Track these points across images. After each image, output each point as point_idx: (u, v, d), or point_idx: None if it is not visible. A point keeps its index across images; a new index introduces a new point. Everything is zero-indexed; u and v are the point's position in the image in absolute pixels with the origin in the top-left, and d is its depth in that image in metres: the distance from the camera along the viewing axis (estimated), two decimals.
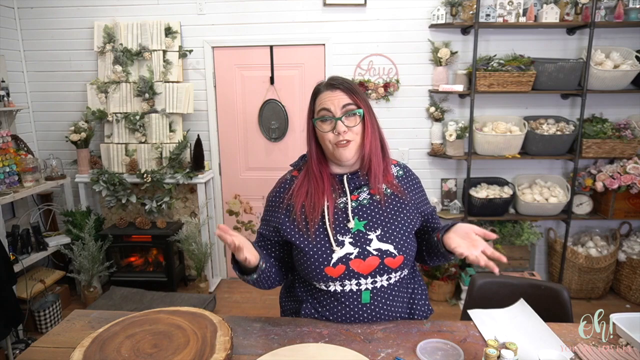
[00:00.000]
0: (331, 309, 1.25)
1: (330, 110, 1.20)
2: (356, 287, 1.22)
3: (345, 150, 1.21)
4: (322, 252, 1.21)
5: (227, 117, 3.50)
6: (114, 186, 3.32)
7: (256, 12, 3.28)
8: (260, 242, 1.36)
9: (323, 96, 1.23)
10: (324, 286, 1.24)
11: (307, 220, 1.24)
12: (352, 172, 1.29)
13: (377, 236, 1.22)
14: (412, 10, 3.21)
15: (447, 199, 3.43)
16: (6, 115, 3.18)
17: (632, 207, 3.16)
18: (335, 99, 1.21)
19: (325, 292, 1.25)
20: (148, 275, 3.43)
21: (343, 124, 1.19)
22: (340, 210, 1.25)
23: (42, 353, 1.15)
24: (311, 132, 1.27)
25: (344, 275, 1.21)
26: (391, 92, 3.32)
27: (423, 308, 1.34)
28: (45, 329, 2.90)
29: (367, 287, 1.22)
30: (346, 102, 1.20)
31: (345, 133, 1.19)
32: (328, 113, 1.21)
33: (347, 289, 1.22)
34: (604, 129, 3.07)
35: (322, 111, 1.22)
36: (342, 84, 1.22)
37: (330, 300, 1.26)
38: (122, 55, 3.26)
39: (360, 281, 1.22)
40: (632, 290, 3.22)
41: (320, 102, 1.23)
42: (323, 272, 1.21)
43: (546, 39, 3.20)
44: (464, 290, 3.23)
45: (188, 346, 1.07)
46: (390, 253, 1.21)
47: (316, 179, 1.26)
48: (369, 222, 1.24)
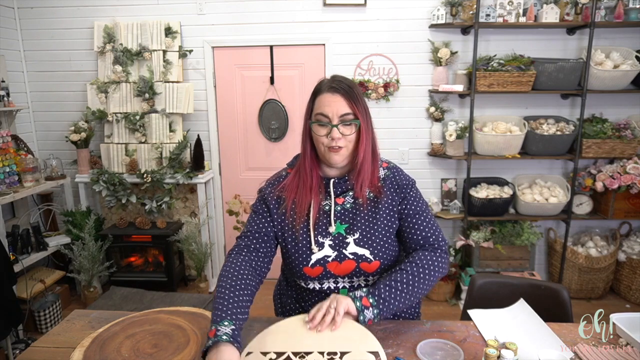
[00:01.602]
0: (312, 305, 1.27)
1: (327, 116, 1.19)
2: (334, 285, 1.26)
3: (337, 155, 1.20)
4: (302, 252, 1.24)
5: (227, 117, 3.50)
6: (114, 186, 3.32)
7: (256, 12, 3.28)
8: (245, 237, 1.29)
9: (323, 99, 1.20)
10: (304, 284, 1.28)
11: (294, 216, 1.26)
12: (340, 175, 1.28)
13: (355, 240, 1.23)
14: (412, 10, 3.21)
15: (447, 199, 3.43)
16: (6, 115, 3.18)
17: (632, 207, 3.16)
18: (335, 104, 1.18)
19: (305, 289, 1.29)
20: (148, 275, 3.43)
21: (338, 131, 1.18)
22: (326, 213, 1.26)
23: (42, 353, 1.15)
24: (307, 131, 1.26)
25: (322, 275, 1.24)
26: (391, 92, 3.32)
27: (410, 310, 1.34)
28: (45, 329, 2.90)
29: (345, 285, 1.25)
30: (345, 112, 1.18)
31: (339, 140, 1.19)
32: (325, 119, 1.19)
33: (325, 287, 1.26)
34: (604, 129, 3.07)
35: (319, 115, 1.21)
36: (343, 88, 1.19)
37: (310, 297, 1.30)
38: (122, 55, 3.26)
39: (338, 279, 1.25)
40: (632, 290, 3.21)
41: (320, 104, 1.21)
42: (302, 271, 1.24)
43: (546, 39, 3.19)
44: (464, 290, 3.23)
45: (188, 346, 1.07)
46: (366, 258, 1.22)
47: (306, 175, 1.26)
48: (350, 226, 1.24)
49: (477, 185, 3.31)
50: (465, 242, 3.23)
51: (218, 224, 3.63)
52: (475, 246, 3.23)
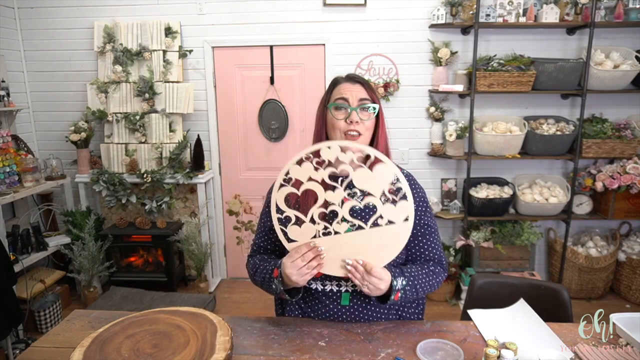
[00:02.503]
0: (312, 306, 1.28)
1: (347, 100, 1.23)
2: (336, 288, 1.24)
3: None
4: None
5: (227, 117, 3.50)
6: (114, 186, 3.32)
7: (256, 12, 3.28)
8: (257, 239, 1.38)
9: (342, 87, 1.26)
10: (306, 283, 1.26)
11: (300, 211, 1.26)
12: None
13: None
14: (412, 10, 3.21)
15: (447, 199, 3.43)
16: (6, 115, 3.18)
17: (632, 207, 3.16)
18: (354, 90, 1.24)
19: (307, 289, 1.28)
20: (148, 275, 3.43)
21: (357, 114, 1.22)
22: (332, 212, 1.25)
23: (42, 353, 1.15)
24: (322, 120, 1.28)
25: (325, 276, 1.23)
26: (391, 92, 3.32)
27: (412, 317, 1.34)
28: (45, 329, 2.90)
29: (348, 289, 1.24)
30: (364, 97, 1.24)
31: (357, 124, 1.22)
32: (345, 102, 1.24)
33: (328, 289, 1.25)
34: (604, 129, 3.07)
35: (339, 99, 1.24)
36: (361, 79, 1.28)
37: (311, 299, 1.29)
38: (122, 55, 3.26)
39: (341, 282, 1.24)
40: (632, 290, 3.21)
41: (339, 91, 1.26)
42: None
43: (546, 39, 3.19)
44: (464, 290, 3.23)
45: (188, 346, 1.07)
46: None
47: None
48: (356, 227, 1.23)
49: (477, 185, 3.31)
50: (465, 242, 3.23)
51: (218, 224, 3.63)
52: (475, 246, 3.23)
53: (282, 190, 1.15)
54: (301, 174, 1.12)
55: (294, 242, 1.16)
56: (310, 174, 1.12)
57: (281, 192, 1.15)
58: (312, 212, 1.14)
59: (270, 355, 1.12)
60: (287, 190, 1.14)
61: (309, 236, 1.15)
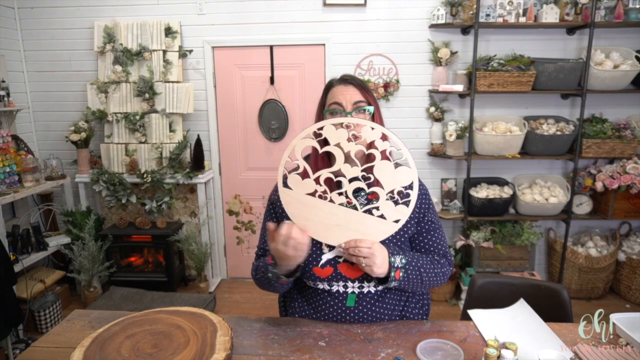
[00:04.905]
0: (317, 307, 1.27)
1: (341, 104, 1.22)
2: (343, 289, 1.23)
3: None
4: (312, 251, 1.22)
5: (227, 117, 3.50)
6: (114, 186, 3.32)
7: (256, 12, 3.28)
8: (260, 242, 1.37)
9: (335, 90, 1.25)
10: (313, 284, 1.26)
11: None
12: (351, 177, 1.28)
13: None
14: (412, 10, 3.21)
15: (447, 199, 3.43)
16: (6, 115, 3.18)
17: (632, 207, 3.16)
18: (348, 94, 1.23)
19: (313, 289, 1.28)
20: (148, 275, 3.43)
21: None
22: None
23: (42, 353, 1.15)
24: None
25: (332, 277, 1.22)
26: (391, 92, 3.32)
27: (417, 319, 1.33)
28: (45, 329, 2.90)
29: (354, 290, 1.23)
30: (358, 99, 1.23)
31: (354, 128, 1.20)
32: (339, 107, 1.23)
33: (334, 289, 1.24)
34: (604, 129, 3.07)
35: (333, 104, 1.24)
36: (355, 80, 1.26)
37: (317, 299, 1.27)
38: (122, 55, 3.26)
39: (348, 284, 1.23)
40: (632, 290, 3.22)
41: (333, 95, 1.25)
42: (312, 271, 1.23)
43: (546, 39, 3.20)
44: (464, 290, 3.23)
45: (188, 346, 1.07)
46: None
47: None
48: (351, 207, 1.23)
49: (477, 185, 3.31)
50: (465, 242, 3.23)
51: (218, 224, 3.63)
52: (475, 246, 3.23)
53: (306, 141, 1.17)
54: (333, 136, 1.14)
55: (287, 189, 1.18)
56: (340, 141, 1.14)
57: (304, 141, 1.17)
58: (321, 173, 1.16)
59: (270, 355, 1.12)
60: (311, 142, 1.17)
61: (305, 191, 1.17)
